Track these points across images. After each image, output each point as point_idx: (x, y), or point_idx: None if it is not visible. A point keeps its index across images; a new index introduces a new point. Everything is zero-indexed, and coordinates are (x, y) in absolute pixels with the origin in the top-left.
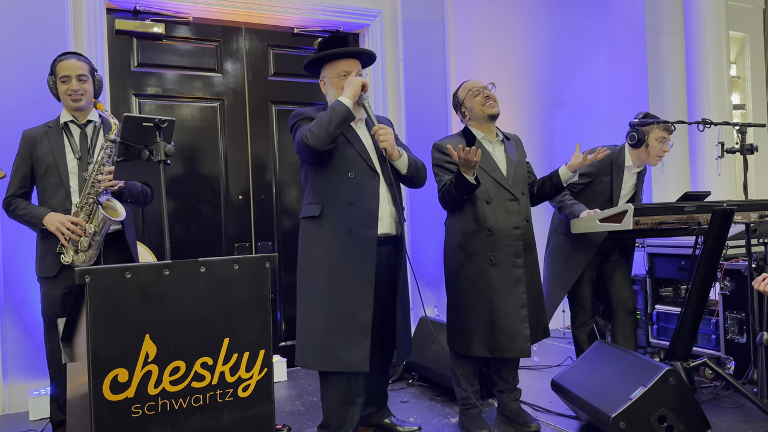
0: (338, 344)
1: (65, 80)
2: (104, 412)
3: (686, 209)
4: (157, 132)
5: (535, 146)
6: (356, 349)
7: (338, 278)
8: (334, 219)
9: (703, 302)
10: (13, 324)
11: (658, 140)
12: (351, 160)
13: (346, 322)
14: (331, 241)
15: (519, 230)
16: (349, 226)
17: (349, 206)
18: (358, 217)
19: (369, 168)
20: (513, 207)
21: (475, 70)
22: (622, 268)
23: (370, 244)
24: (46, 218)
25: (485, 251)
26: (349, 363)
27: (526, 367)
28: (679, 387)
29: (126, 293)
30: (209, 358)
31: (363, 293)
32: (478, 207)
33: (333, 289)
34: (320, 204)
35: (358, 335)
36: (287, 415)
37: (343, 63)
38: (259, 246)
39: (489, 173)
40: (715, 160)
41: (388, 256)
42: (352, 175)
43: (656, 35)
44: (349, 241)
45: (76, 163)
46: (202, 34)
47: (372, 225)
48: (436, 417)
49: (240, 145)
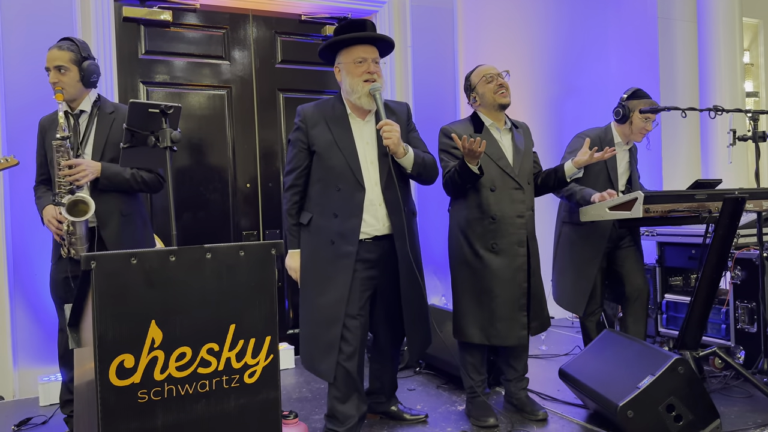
0: (315, 354)
1: (47, 71)
2: (110, 397)
3: (697, 197)
4: (163, 118)
5: (546, 134)
6: (326, 359)
7: (318, 290)
8: (319, 229)
9: (713, 291)
10: (24, 310)
11: (641, 118)
12: (339, 173)
13: (319, 333)
14: (314, 251)
15: (523, 219)
16: (332, 238)
17: (334, 219)
18: (340, 230)
19: (356, 181)
20: (518, 196)
21: (485, 56)
22: (634, 254)
23: (348, 260)
24: (44, 212)
25: (488, 239)
26: (320, 372)
27: (534, 355)
28: (688, 376)
29: (132, 279)
30: (215, 344)
31: (334, 309)
32: (483, 194)
33: (312, 299)
34: (310, 213)
35: (325, 347)
36: (294, 401)
37: (360, 49)
38: (266, 234)
39: (495, 161)
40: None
41: (389, 250)
42: (339, 188)
43: (668, 21)
44: (331, 252)
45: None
46: (209, 22)
47: (353, 241)
48: (443, 405)
49: (248, 133)
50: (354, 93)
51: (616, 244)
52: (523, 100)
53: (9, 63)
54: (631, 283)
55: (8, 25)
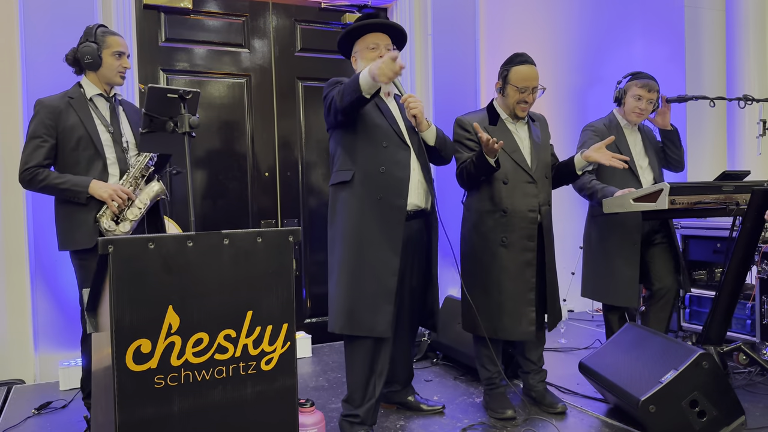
0: (362, 310)
1: (118, 56)
2: (127, 382)
3: (724, 189)
4: (181, 104)
5: (569, 125)
6: (379, 314)
7: (365, 245)
8: (364, 185)
9: (739, 286)
10: (44, 295)
11: (633, 97)
12: (384, 131)
13: (370, 288)
14: (360, 208)
15: (534, 213)
16: (380, 193)
17: (381, 174)
18: (388, 184)
19: (401, 140)
20: (530, 190)
21: (507, 46)
22: (666, 252)
23: (399, 213)
24: (93, 185)
25: (498, 232)
26: (372, 328)
27: (553, 349)
28: (713, 371)
29: (149, 264)
30: (232, 330)
31: (389, 261)
32: (495, 187)
33: (359, 256)
34: (351, 170)
35: (382, 301)
36: (311, 390)
37: (373, 36)
38: (285, 223)
39: (509, 154)
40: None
41: (420, 231)
42: (385, 144)
43: (695, 10)
44: (378, 208)
45: (109, 135)
46: (229, 9)
47: (402, 194)
48: (460, 396)
49: (267, 122)
50: None
51: (648, 238)
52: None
53: (31, 50)
54: (660, 281)
55: (30, 11)
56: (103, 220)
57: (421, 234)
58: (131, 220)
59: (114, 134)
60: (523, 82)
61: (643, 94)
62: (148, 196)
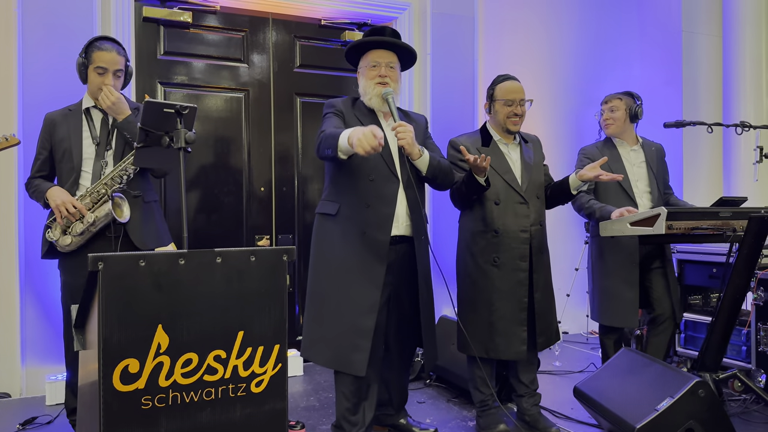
0: (340, 345)
1: (100, 72)
2: (113, 402)
3: (721, 215)
4: (178, 118)
5: (565, 146)
6: (356, 353)
7: (346, 280)
8: (349, 220)
9: (735, 312)
10: (34, 308)
11: (600, 115)
12: (372, 164)
13: (349, 325)
14: (344, 242)
15: (526, 234)
16: (363, 228)
17: (366, 209)
18: (372, 220)
19: (390, 172)
20: (522, 210)
21: (505, 66)
22: (665, 278)
23: (381, 248)
24: (50, 191)
25: (490, 252)
26: (350, 365)
27: (548, 372)
28: (709, 399)
29: (139, 282)
30: (222, 351)
31: (369, 298)
32: (487, 207)
33: (339, 290)
34: (338, 203)
35: (360, 339)
36: (302, 410)
37: (376, 53)
38: (279, 239)
39: (501, 175)
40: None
41: (405, 255)
42: (372, 178)
43: (692, 35)
44: (361, 243)
45: (95, 148)
46: (229, 24)
47: (386, 229)
48: (453, 419)
49: (264, 137)
50: (366, 95)
51: (646, 262)
52: (543, 110)
53: (29, 60)
54: (660, 306)
55: (29, 23)
56: (51, 228)
57: (408, 258)
58: (73, 236)
59: (99, 147)
60: (510, 94)
61: (603, 108)
62: (97, 216)
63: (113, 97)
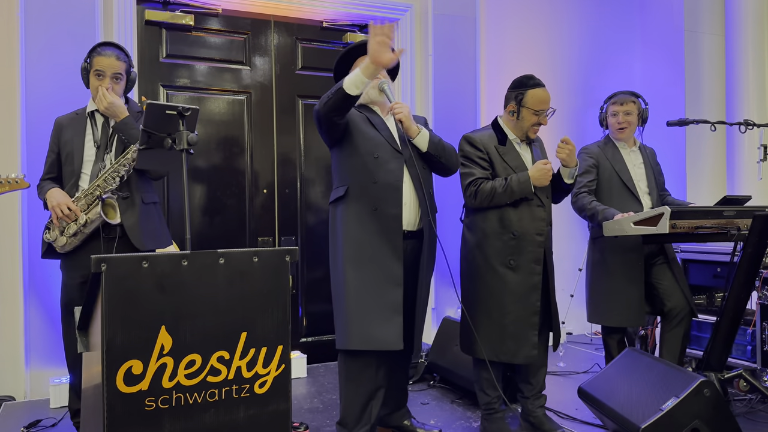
0: (371, 323)
1: (99, 76)
2: (117, 404)
3: (725, 213)
4: (180, 120)
5: None
6: (389, 326)
7: (366, 258)
8: (358, 198)
9: (740, 311)
10: (37, 311)
11: (611, 116)
12: (376, 142)
13: (377, 301)
14: (357, 221)
15: (542, 237)
16: (374, 204)
17: (374, 185)
18: (382, 195)
19: (393, 149)
20: (539, 213)
21: (507, 66)
22: (671, 270)
23: (395, 222)
24: (49, 193)
25: (505, 254)
26: (385, 341)
27: (551, 372)
28: (714, 399)
29: (142, 283)
30: (226, 352)
31: (392, 271)
32: (504, 209)
33: (361, 269)
34: (345, 185)
35: (390, 313)
36: (305, 412)
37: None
38: (282, 240)
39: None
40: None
41: (413, 252)
42: (377, 156)
43: (695, 35)
44: (375, 219)
45: (95, 151)
46: (231, 27)
47: (397, 203)
48: (457, 421)
49: (266, 139)
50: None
51: (649, 260)
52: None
53: (31, 65)
54: (671, 300)
55: (31, 27)
56: (49, 229)
57: (414, 255)
58: (67, 237)
59: (100, 150)
60: (540, 104)
61: (617, 109)
62: (89, 217)
63: (106, 100)
